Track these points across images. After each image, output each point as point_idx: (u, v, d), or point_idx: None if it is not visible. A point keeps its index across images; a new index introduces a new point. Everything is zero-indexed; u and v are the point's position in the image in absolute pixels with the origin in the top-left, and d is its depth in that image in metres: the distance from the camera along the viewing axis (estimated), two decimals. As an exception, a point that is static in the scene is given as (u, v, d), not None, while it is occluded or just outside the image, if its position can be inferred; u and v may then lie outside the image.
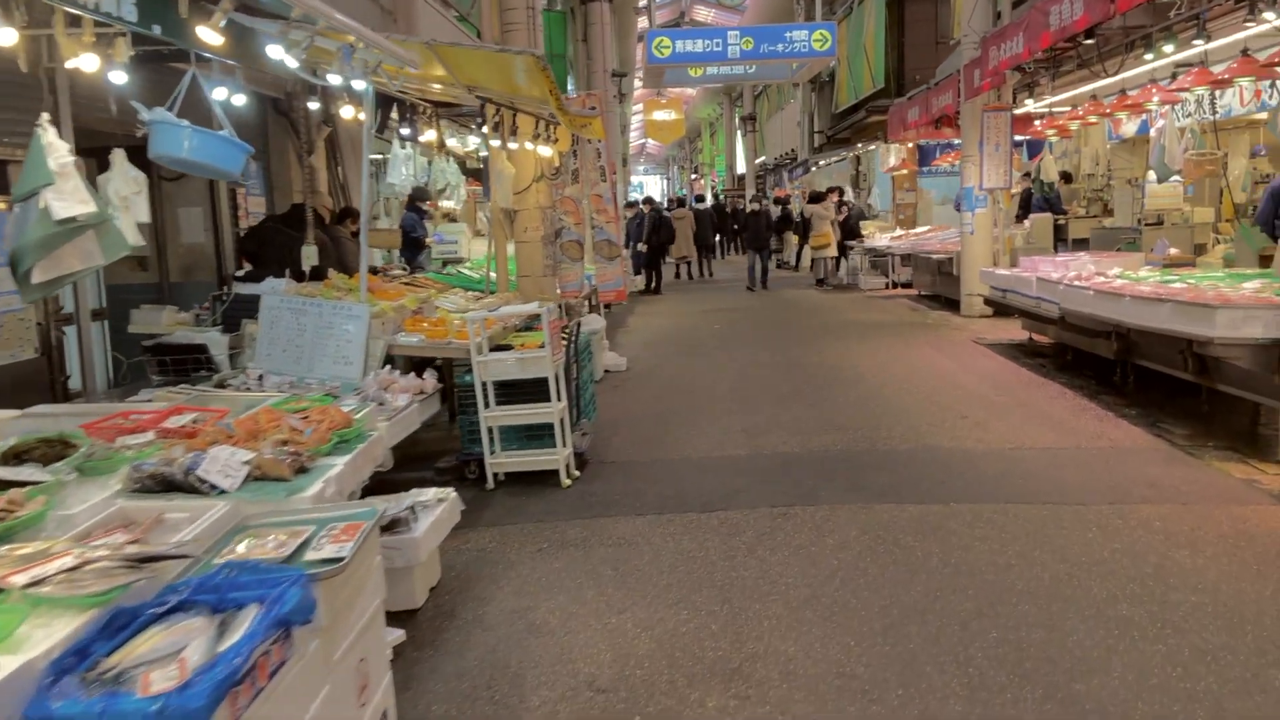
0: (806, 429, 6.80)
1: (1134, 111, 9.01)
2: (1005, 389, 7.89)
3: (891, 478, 5.53)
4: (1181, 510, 4.77)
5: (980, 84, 11.15)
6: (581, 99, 9.35)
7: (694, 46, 18.27)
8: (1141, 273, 8.10)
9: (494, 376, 5.74)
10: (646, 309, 15.73)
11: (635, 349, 11.11)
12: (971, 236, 12.37)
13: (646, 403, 8.08)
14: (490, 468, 5.74)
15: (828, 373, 8.94)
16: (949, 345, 10.27)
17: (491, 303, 8.49)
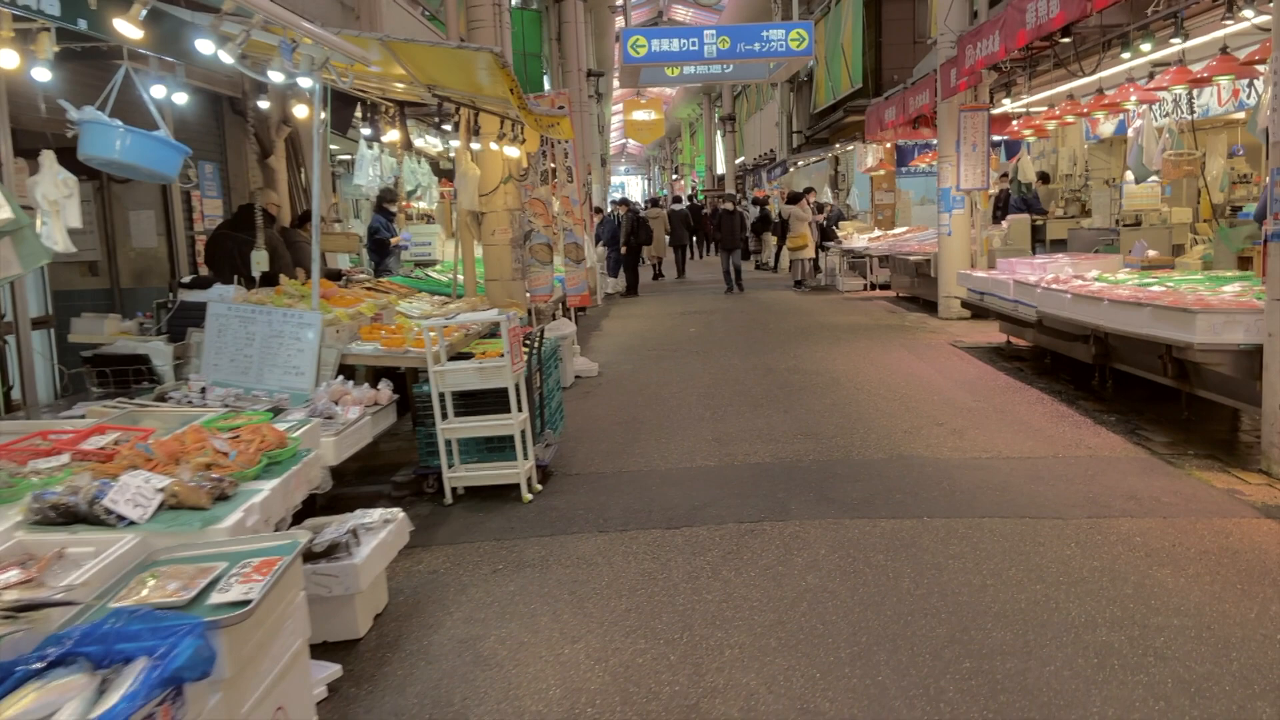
0: (779, 437, 6.61)
1: (1111, 111, 8.89)
2: (982, 394, 7.73)
3: (864, 489, 5.34)
4: (1163, 524, 4.60)
5: (957, 83, 11.00)
6: (550, 99, 9.12)
7: (670, 46, 18.07)
8: (1120, 275, 7.96)
9: (452, 387, 5.51)
10: (622, 311, 15.52)
11: (609, 353, 10.90)
12: (949, 238, 12.24)
13: (616, 410, 7.87)
14: (448, 482, 5.51)
15: (802, 378, 8.75)
16: (926, 349, 10.12)
17: (458, 308, 8.27)
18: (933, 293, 13.22)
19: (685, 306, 15.57)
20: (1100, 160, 15.21)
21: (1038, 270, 8.91)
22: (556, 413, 7.00)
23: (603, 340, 12.09)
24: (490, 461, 5.69)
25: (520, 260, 9.19)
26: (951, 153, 12.07)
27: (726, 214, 18.37)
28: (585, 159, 16.24)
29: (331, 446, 4.52)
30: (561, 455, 6.43)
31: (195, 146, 8.25)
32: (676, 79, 21.65)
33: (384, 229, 11.07)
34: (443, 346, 5.57)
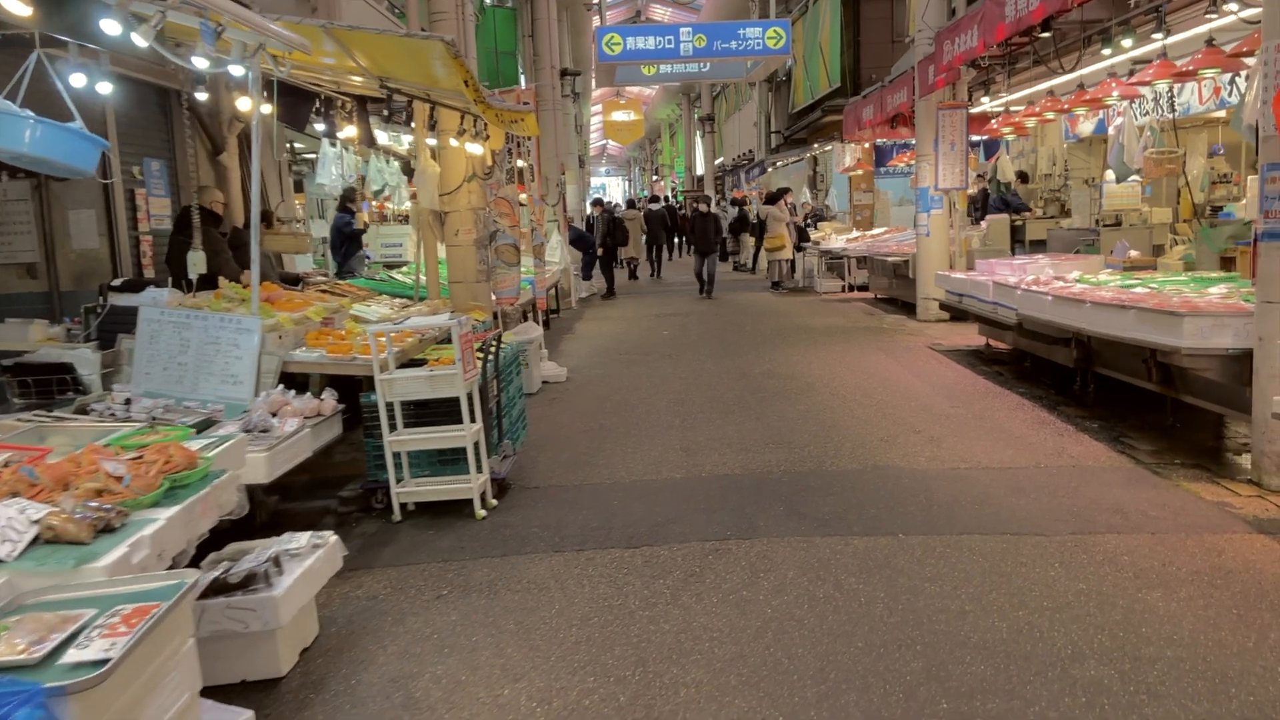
0: (749, 446, 6.32)
1: (1092, 107, 8.66)
2: (961, 400, 7.47)
3: (837, 504, 5.05)
4: (1151, 541, 4.33)
5: (934, 80, 10.76)
6: (516, 94, 8.80)
7: (645, 44, 17.77)
8: (1101, 276, 7.73)
9: (401, 396, 5.18)
10: (597, 314, 15.21)
11: (579, 357, 10.58)
12: (927, 239, 12.00)
13: (583, 417, 7.55)
14: (397, 498, 5.18)
15: (776, 383, 8.47)
16: (904, 352, 9.86)
17: (418, 311, 7.93)
18: (911, 294, 12.98)
19: (661, 309, 15.28)
20: (1080, 160, 15.05)
21: (1017, 271, 8.67)
22: (518, 422, 6.68)
23: (574, 344, 11.77)
24: (443, 475, 5.36)
25: (485, 261, 8.87)
26: (929, 151, 11.84)
27: (701, 216, 17.25)
28: (559, 158, 15.91)
29: (263, 463, 4.18)
30: (521, 467, 6.12)
31: (140, 142, 7.91)
32: (653, 78, 21.34)
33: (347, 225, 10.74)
34: (391, 354, 5.24)
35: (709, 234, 16.98)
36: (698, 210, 17.56)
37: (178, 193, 8.13)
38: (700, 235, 17.06)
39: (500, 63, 18.08)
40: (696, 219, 17.27)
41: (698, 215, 17.31)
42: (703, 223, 17.01)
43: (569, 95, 25.47)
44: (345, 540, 4.93)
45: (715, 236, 17.30)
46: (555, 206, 15.85)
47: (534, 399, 8.35)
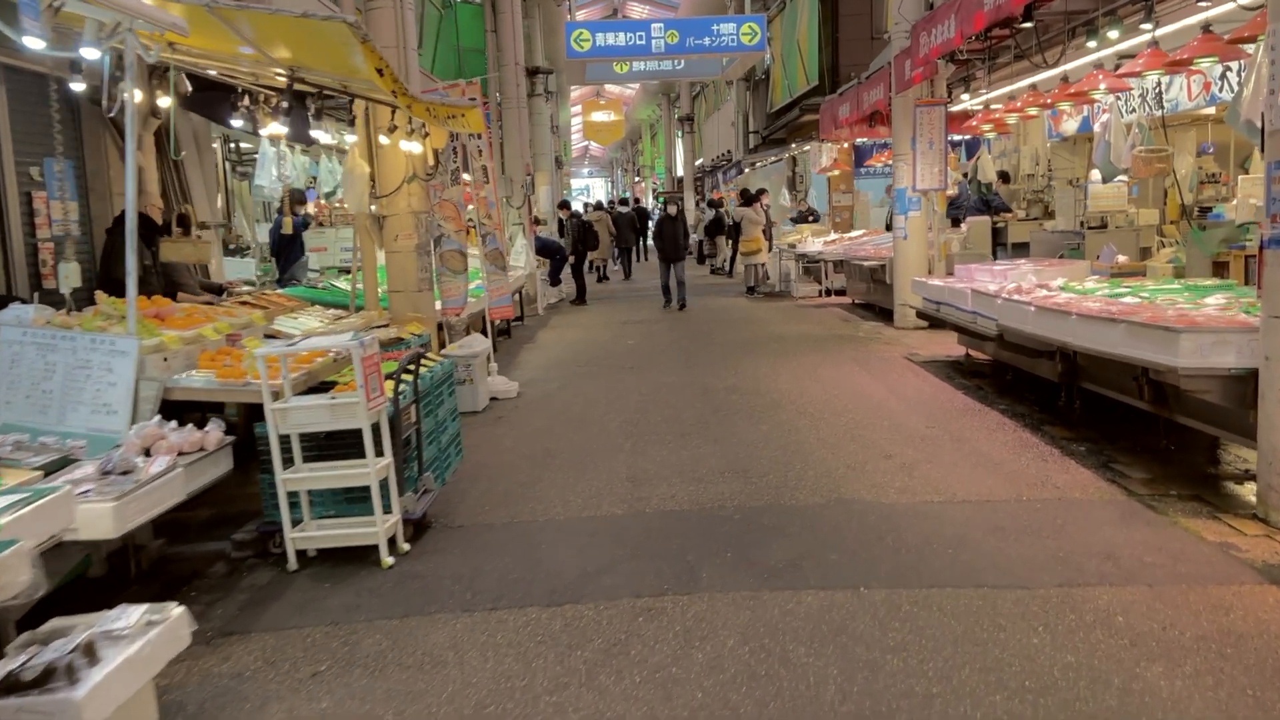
0: (703, 475, 5.71)
1: (1077, 102, 8.12)
2: (937, 418, 6.90)
3: (794, 547, 4.45)
4: (1149, 596, 3.75)
5: (912, 75, 10.20)
6: (461, 88, 8.18)
7: (615, 40, 17.20)
8: (1087, 284, 7.17)
9: (298, 427, 4.55)
10: (563, 321, 14.59)
11: (535, 369, 9.96)
12: (904, 242, 11.44)
13: (526, 439, 6.94)
14: (292, 544, 4.54)
15: (740, 399, 7.88)
16: (878, 363, 9.29)
17: (351, 324, 7.31)
18: (888, 300, 12.43)
19: (629, 315, 14.67)
20: (1063, 159, 14.54)
21: (997, 278, 8.11)
22: (450, 448, 6.06)
23: (533, 354, 11.14)
24: (351, 516, 4.73)
25: (427, 269, 8.25)
26: (907, 150, 11.28)
27: (668, 219, 15.45)
28: (524, 158, 15.28)
29: (109, 516, 3.55)
30: (448, 499, 5.50)
31: (40, 142, 7.23)
32: (625, 76, 20.81)
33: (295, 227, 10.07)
34: (288, 379, 4.61)
35: (677, 238, 15.40)
36: (664, 212, 15.85)
37: (86, 196, 7.45)
38: (667, 240, 15.37)
39: (466, 60, 17.46)
40: (663, 222, 15.58)
41: (664, 218, 15.64)
42: (670, 226, 15.38)
43: (541, 94, 24.87)
44: (229, 595, 4.33)
45: (683, 241, 15.78)
46: (520, 209, 15.24)
47: (478, 418, 7.73)
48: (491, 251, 8.35)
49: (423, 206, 8.12)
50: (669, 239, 15.31)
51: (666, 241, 15.35)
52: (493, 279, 8.32)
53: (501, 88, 15.40)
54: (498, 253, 8.47)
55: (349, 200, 7.16)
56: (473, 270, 13.24)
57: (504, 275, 8.35)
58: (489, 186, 8.38)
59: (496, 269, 8.50)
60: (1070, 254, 9.55)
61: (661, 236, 15.51)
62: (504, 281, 8.36)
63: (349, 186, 7.08)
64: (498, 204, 8.45)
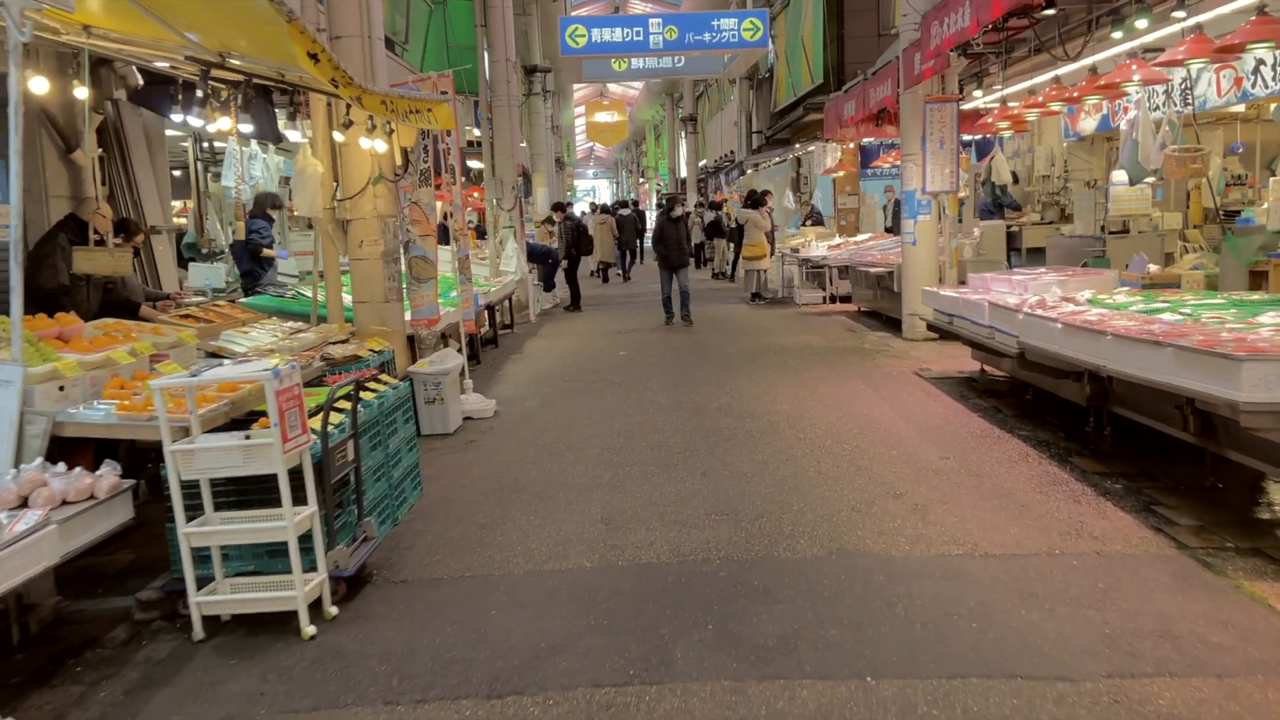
0: (687, 517, 5.03)
1: (1108, 95, 7.40)
2: (953, 447, 6.20)
3: (788, 618, 3.76)
4: (1220, 694, 3.06)
5: (922, 69, 9.51)
6: (431, 81, 7.50)
7: (612, 36, 16.52)
8: (1118, 297, 6.47)
9: (205, 472, 3.87)
10: (554, 329, 13.90)
11: (517, 384, 9.29)
12: (913, 248, 10.74)
13: (497, 469, 6.26)
14: (196, 608, 3.87)
15: (735, 422, 7.19)
16: (886, 379, 8.59)
17: (312, 338, 6.65)
18: (896, 308, 11.73)
19: (623, 323, 13.97)
20: (1080, 160, 13.84)
21: (1017, 289, 7.41)
22: (405, 482, 5.39)
23: (518, 366, 10.47)
24: (272, 573, 4.07)
25: (395, 278, 7.58)
26: (916, 150, 10.59)
27: (668, 222, 13.54)
28: (515, 159, 14.61)
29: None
30: (399, 542, 4.83)
31: (-39, 137, 6.58)
32: (624, 74, 20.16)
33: (261, 235, 9.36)
34: (196, 414, 3.93)
35: (680, 243, 13.57)
36: (666, 214, 13.75)
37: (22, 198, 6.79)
38: (669, 246, 13.48)
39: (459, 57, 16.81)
40: (664, 225, 13.64)
41: (665, 220, 13.66)
42: (672, 230, 13.54)
43: (539, 93, 24.22)
44: (120, 672, 3.65)
45: (687, 246, 13.99)
46: (511, 212, 14.57)
47: (447, 442, 7.06)
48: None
49: (390, 210, 7.45)
50: (671, 244, 13.50)
51: (669, 247, 13.50)
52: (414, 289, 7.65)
53: (492, 85, 14.73)
54: (464, 261, 7.78)
55: (299, 203, 6.49)
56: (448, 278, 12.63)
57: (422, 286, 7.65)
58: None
59: (461, 279, 7.80)
60: (1094, 262, 8.86)
61: (663, 241, 13.55)
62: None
63: (299, 188, 6.41)
64: (464, 207, 7.77)
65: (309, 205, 6.45)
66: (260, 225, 9.37)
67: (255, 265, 9.24)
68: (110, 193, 7.48)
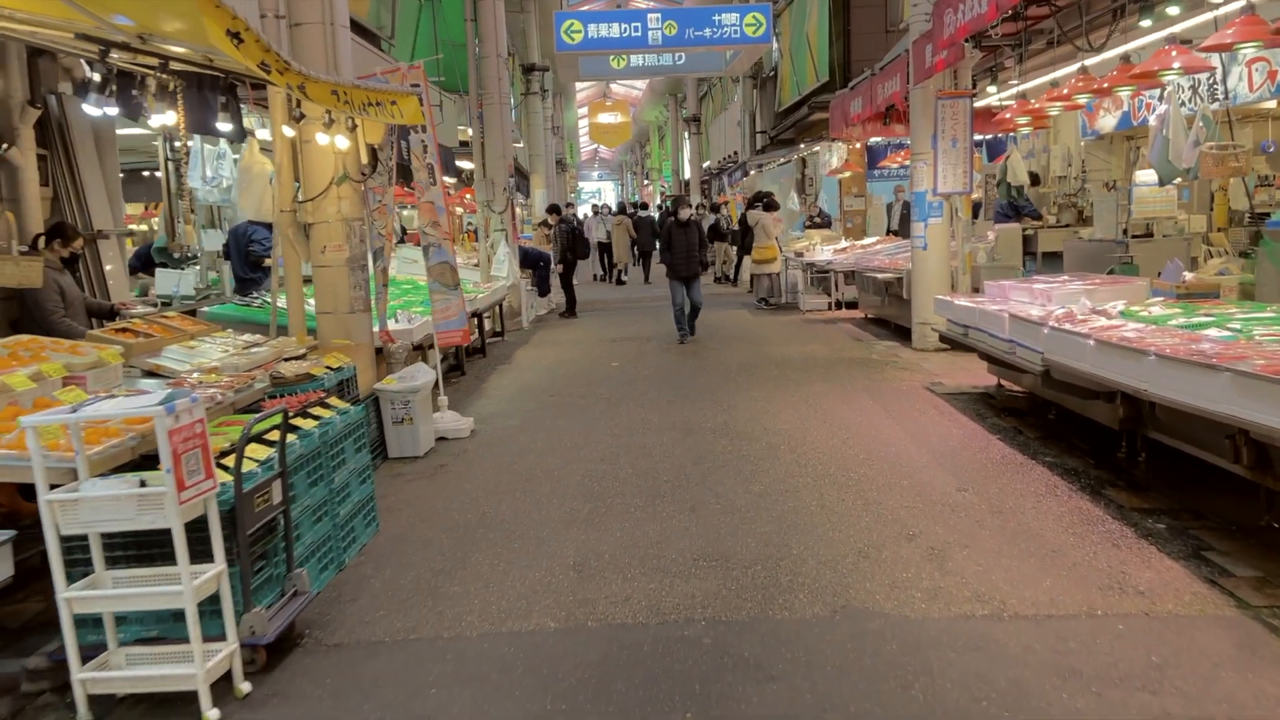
0: (671, 563, 4.42)
1: (1142, 85, 6.72)
2: (971, 476, 5.58)
3: (781, 702, 3.15)
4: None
5: (934, 61, 8.89)
6: (401, 73, 6.91)
7: (609, 31, 15.92)
8: (1154, 310, 5.84)
9: (90, 525, 3.27)
10: (546, 337, 13.30)
11: (499, 400, 8.68)
12: (924, 252, 10.11)
13: (464, 500, 5.65)
14: (81, 686, 3.27)
15: (730, 444, 6.57)
16: (896, 396, 7.96)
17: (266, 354, 6.07)
18: (905, 316, 11.11)
19: (619, 332, 13.34)
20: (1099, 159, 13.19)
21: (1039, 299, 6.78)
22: (355, 519, 4.79)
23: (504, 378, 9.86)
24: (177, 641, 3.46)
25: (361, 286, 6.99)
26: (927, 149, 9.96)
27: (677, 227, 11.84)
28: (506, 159, 14.01)
29: None
30: (341, 592, 4.23)
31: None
32: (623, 71, 19.56)
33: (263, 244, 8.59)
34: (84, 455, 3.33)
35: (691, 251, 11.75)
36: (674, 218, 12.09)
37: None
38: (678, 254, 11.71)
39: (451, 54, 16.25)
40: (672, 230, 11.88)
41: (673, 225, 11.94)
42: (681, 236, 11.75)
43: (537, 92, 23.66)
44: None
45: (700, 253, 12.03)
46: (503, 214, 13.98)
47: (415, 466, 6.46)
48: (438, 266, 7.07)
49: (356, 213, 6.86)
50: (679, 252, 11.73)
51: (676, 255, 11.74)
52: (437, 299, 7.04)
53: (482, 82, 14.13)
54: (446, 268, 7.19)
55: (244, 205, 5.92)
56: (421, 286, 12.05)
57: (452, 294, 7.07)
58: (435, 189, 7.07)
59: (443, 287, 7.21)
60: (1121, 269, 8.22)
61: (671, 249, 11.80)
62: (451, 302, 7.08)
63: (244, 188, 5.84)
64: (448, 210, 7.17)
65: (255, 207, 5.86)
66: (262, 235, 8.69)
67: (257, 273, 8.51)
68: (55, 195, 6.89)
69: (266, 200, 6.01)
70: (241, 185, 6.03)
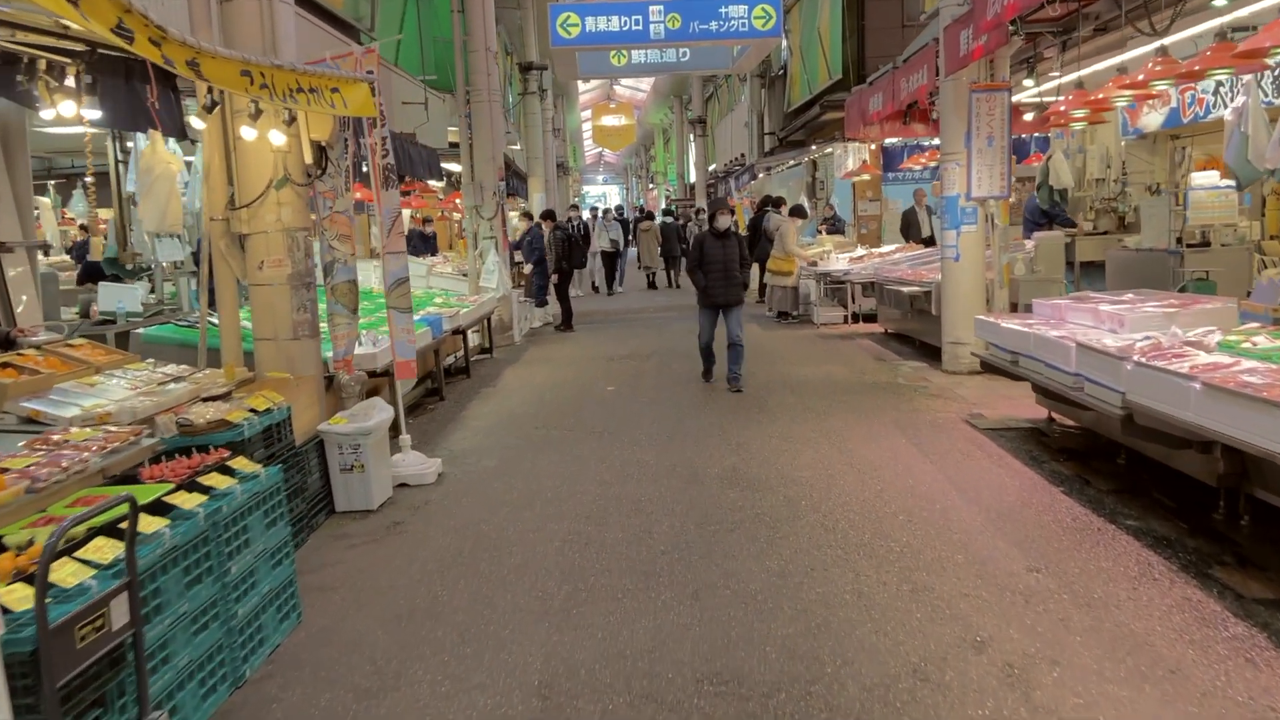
0: (666, 687, 3.36)
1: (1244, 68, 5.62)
2: (1041, 548, 4.51)
3: None
4: None
5: (971, 48, 7.83)
6: (354, 59, 5.88)
7: (608, 24, 14.87)
8: (1259, 341, 4.77)
9: None
10: (540, 353, 12.25)
11: (477, 431, 7.64)
12: (956, 264, 9.04)
13: (412, 578, 4.60)
14: None
15: (742, 496, 5.51)
16: (932, 431, 6.89)
17: (176, 394, 5.04)
18: (932, 333, 10.05)
19: (617, 348, 12.27)
20: (1141, 160, 12.11)
21: (1108, 323, 5.72)
22: (266, 614, 3.75)
23: (486, 404, 8.81)
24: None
25: (305, 308, 5.95)
26: (959, 149, 8.90)
27: (715, 238, 8.90)
28: (496, 161, 12.98)
29: None
30: None
31: None
32: (624, 69, 18.48)
33: None
34: None
35: (729, 269, 8.83)
36: (709, 228, 9.08)
37: None
38: (716, 272, 8.81)
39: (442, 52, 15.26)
40: (706, 242, 8.93)
41: (707, 236, 9.02)
42: (718, 249, 8.83)
43: (534, 92, 22.68)
44: None
45: (741, 272, 8.98)
46: (492, 220, 12.94)
47: (365, 525, 5.41)
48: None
49: (299, 221, 5.83)
50: (716, 271, 8.80)
51: (712, 275, 8.81)
52: (337, 323, 5.99)
53: (470, 77, 13.11)
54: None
55: (145, 213, 4.88)
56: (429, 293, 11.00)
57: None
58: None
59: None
60: (1196, 287, 7.15)
61: (704, 266, 8.86)
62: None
63: (145, 192, 4.81)
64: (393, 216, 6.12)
65: (158, 217, 4.84)
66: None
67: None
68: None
69: (173, 207, 4.98)
70: (142, 189, 5.01)
